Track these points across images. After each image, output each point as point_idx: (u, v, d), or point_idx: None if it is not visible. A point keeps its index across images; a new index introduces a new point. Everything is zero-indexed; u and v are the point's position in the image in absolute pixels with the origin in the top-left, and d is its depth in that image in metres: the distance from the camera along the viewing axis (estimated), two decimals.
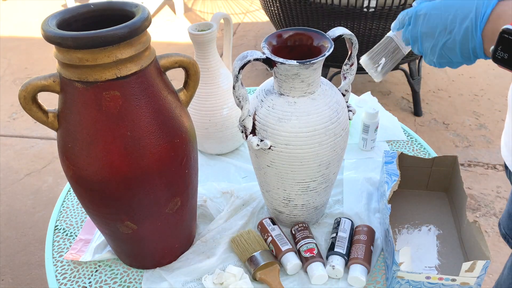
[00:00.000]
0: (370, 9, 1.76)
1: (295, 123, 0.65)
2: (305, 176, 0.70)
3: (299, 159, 0.67)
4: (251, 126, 0.68)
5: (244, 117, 0.67)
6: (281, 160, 0.68)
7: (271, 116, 0.67)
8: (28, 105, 0.60)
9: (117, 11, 0.62)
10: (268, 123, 0.67)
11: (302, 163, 0.68)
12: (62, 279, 0.73)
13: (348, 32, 0.67)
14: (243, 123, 0.68)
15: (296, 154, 0.67)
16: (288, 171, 0.69)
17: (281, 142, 0.66)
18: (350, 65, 0.71)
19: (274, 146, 0.67)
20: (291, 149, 0.66)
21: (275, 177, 0.71)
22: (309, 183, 0.71)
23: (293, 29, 0.68)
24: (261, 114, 0.67)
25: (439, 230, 0.78)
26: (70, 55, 0.56)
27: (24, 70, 2.78)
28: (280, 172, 0.70)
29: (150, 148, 0.61)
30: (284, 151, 0.67)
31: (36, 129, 2.26)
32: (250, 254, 0.72)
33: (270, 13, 2.10)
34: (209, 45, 0.87)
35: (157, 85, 0.62)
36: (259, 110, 0.68)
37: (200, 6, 3.64)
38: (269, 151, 0.68)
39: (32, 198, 1.86)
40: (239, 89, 0.65)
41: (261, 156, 0.70)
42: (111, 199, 0.63)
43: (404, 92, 2.38)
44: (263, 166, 0.71)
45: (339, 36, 0.67)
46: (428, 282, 0.63)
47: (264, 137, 0.67)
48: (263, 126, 0.67)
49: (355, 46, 0.69)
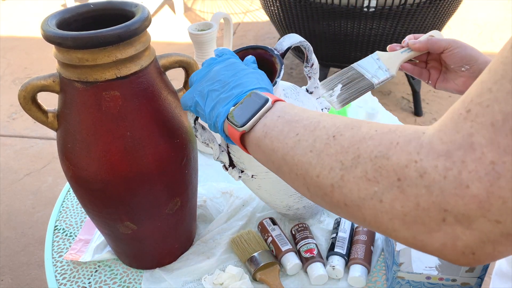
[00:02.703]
0: (370, 9, 1.76)
1: None
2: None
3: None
4: (228, 160, 0.66)
5: (218, 155, 0.65)
6: (267, 184, 0.67)
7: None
8: (28, 105, 0.60)
9: (117, 11, 0.62)
10: (243, 156, 0.64)
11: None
12: (62, 279, 0.73)
13: (297, 40, 0.61)
14: (218, 160, 0.65)
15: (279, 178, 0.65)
16: (277, 190, 0.68)
17: (260, 170, 0.64)
18: (311, 66, 0.67)
19: (256, 175, 0.66)
20: (273, 175, 0.63)
21: (267, 194, 0.71)
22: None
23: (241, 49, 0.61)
24: (234, 148, 0.64)
25: None
26: (70, 55, 0.56)
27: (24, 70, 2.78)
28: (270, 192, 0.69)
29: (150, 148, 0.61)
30: (267, 177, 0.65)
31: (36, 129, 2.25)
32: (250, 255, 0.72)
33: (270, 13, 2.10)
34: (209, 45, 0.87)
35: (157, 85, 0.62)
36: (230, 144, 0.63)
37: (200, 5, 3.64)
38: (253, 179, 0.67)
39: (31, 198, 1.86)
40: (202, 135, 0.62)
41: (247, 182, 0.69)
42: (111, 199, 0.63)
43: (404, 92, 2.38)
44: (252, 189, 0.71)
45: (288, 48, 0.60)
46: (429, 283, 0.63)
47: (244, 168, 0.66)
48: (239, 159, 0.65)
49: (309, 49, 0.65)
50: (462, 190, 0.28)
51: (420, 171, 0.30)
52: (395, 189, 0.31)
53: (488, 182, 0.27)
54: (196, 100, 0.52)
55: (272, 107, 0.45)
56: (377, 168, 0.32)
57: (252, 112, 0.45)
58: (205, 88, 0.51)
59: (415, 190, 0.30)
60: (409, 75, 0.89)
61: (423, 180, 0.30)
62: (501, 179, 0.26)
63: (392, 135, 0.33)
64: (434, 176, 0.29)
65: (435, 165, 0.29)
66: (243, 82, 0.49)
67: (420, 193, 0.30)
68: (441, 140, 0.30)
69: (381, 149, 0.33)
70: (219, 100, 0.49)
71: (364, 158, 0.33)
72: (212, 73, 0.52)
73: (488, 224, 0.27)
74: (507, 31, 2.93)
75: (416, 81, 2.14)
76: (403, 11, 1.76)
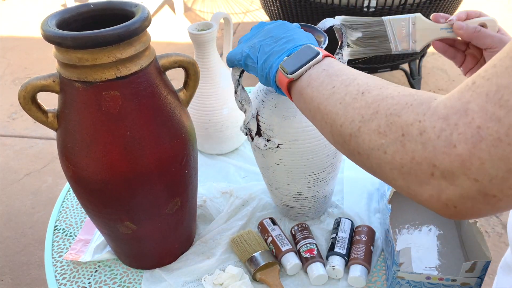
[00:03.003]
0: (370, 9, 1.76)
1: (300, 118, 0.66)
2: (314, 169, 0.70)
3: (308, 153, 0.68)
4: (256, 128, 0.68)
5: (249, 120, 0.67)
6: (290, 156, 0.68)
7: (275, 115, 0.67)
8: (28, 105, 0.60)
9: (117, 11, 0.62)
10: (274, 122, 0.67)
11: (311, 156, 0.68)
12: (62, 279, 0.73)
13: (337, 22, 0.64)
14: (247, 126, 0.68)
15: (305, 149, 0.67)
16: (297, 166, 0.70)
17: (289, 139, 0.67)
18: (342, 54, 0.67)
19: (282, 144, 0.67)
20: (299, 144, 0.67)
21: (284, 173, 0.71)
22: (318, 174, 0.72)
23: None
24: (265, 114, 0.67)
25: (439, 230, 0.77)
26: (70, 55, 0.56)
27: (24, 70, 2.78)
28: (290, 168, 0.70)
29: (150, 148, 0.61)
30: (293, 147, 0.67)
31: (36, 129, 2.25)
32: (250, 255, 0.72)
33: (270, 13, 2.10)
34: (209, 45, 0.86)
35: (157, 85, 0.62)
36: (261, 111, 0.68)
37: (200, 5, 3.64)
38: (277, 150, 0.68)
39: (31, 198, 1.86)
40: (241, 93, 0.65)
41: (269, 155, 0.70)
42: (111, 199, 0.63)
43: None
44: (271, 165, 0.71)
45: (330, 27, 0.64)
46: (429, 283, 0.63)
47: (271, 136, 0.67)
48: (268, 126, 0.67)
49: (345, 35, 0.65)
50: (450, 149, 0.31)
51: (421, 129, 0.33)
52: (398, 143, 0.35)
53: (471, 143, 0.30)
54: (247, 53, 0.56)
55: (321, 61, 0.48)
56: (388, 124, 0.36)
57: (302, 63, 0.48)
58: (257, 43, 0.55)
59: (413, 145, 0.34)
60: (409, 75, 0.87)
61: (421, 138, 0.33)
62: (482, 142, 0.29)
63: (410, 98, 0.37)
64: (430, 135, 0.33)
65: (433, 126, 0.33)
66: (295, 38, 0.53)
67: (417, 148, 0.33)
68: (445, 105, 0.33)
69: (396, 107, 0.37)
70: (272, 53, 0.53)
71: (381, 114, 0.37)
72: (264, 31, 0.56)
73: (468, 181, 0.31)
74: (507, 31, 2.92)
75: (416, 81, 2.14)
76: (403, 11, 1.76)
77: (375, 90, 0.40)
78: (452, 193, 0.32)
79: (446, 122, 0.32)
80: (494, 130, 0.29)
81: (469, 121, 0.30)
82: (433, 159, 0.32)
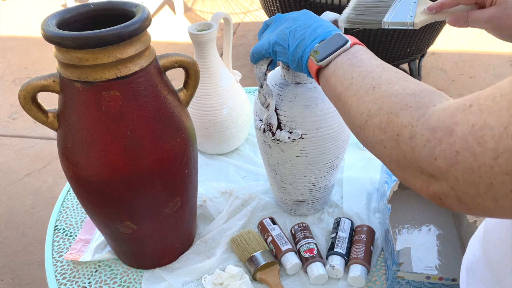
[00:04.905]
0: None
1: (322, 106, 0.67)
2: (331, 156, 0.72)
3: (328, 140, 0.70)
4: (277, 122, 0.69)
5: (271, 114, 0.68)
6: (312, 145, 0.70)
7: (296, 106, 0.67)
8: (28, 105, 0.60)
9: (117, 11, 0.62)
10: (296, 113, 0.68)
11: (331, 143, 0.70)
12: (62, 279, 0.73)
13: (332, 17, 0.66)
14: (269, 121, 0.68)
15: (326, 136, 0.69)
16: (318, 155, 0.71)
17: (311, 127, 0.68)
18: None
19: (305, 134, 0.68)
20: (322, 132, 0.68)
21: (303, 165, 0.72)
22: (333, 161, 0.74)
23: None
24: (284, 107, 0.68)
25: (439, 230, 0.78)
26: (70, 55, 0.56)
27: (24, 70, 2.78)
28: (310, 158, 0.71)
29: (150, 148, 0.61)
30: (316, 135, 0.69)
31: (36, 129, 2.25)
32: (250, 254, 0.72)
33: (270, 13, 2.10)
34: (209, 45, 0.87)
35: (157, 85, 0.62)
36: (280, 104, 0.69)
37: (200, 5, 3.64)
38: (299, 141, 0.69)
39: (31, 198, 1.86)
40: (266, 87, 0.65)
41: (289, 148, 0.70)
42: (111, 199, 0.63)
43: None
44: (290, 159, 0.72)
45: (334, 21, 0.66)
46: (429, 282, 0.63)
47: (293, 128, 0.68)
48: (290, 118, 0.68)
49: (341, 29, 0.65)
50: (432, 160, 0.34)
51: (412, 134, 0.36)
52: (393, 141, 0.38)
53: (449, 163, 0.33)
54: (275, 39, 0.56)
55: (349, 49, 0.49)
56: (388, 121, 0.39)
57: (331, 50, 0.50)
58: (285, 29, 0.56)
59: (405, 147, 0.37)
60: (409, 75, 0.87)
61: (411, 142, 0.36)
62: (458, 166, 0.32)
63: (411, 98, 0.39)
64: (418, 142, 0.36)
65: (422, 134, 0.35)
66: (323, 24, 0.54)
67: (407, 150, 0.37)
68: (438, 117, 0.35)
69: (397, 107, 0.39)
70: (304, 38, 0.54)
71: (384, 111, 0.40)
72: (289, 19, 0.57)
73: (447, 186, 0.34)
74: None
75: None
76: None
77: (384, 85, 0.42)
78: (437, 188, 0.35)
79: (432, 135, 0.34)
80: (468, 160, 0.31)
81: (451, 143, 0.33)
82: (420, 162, 0.36)
